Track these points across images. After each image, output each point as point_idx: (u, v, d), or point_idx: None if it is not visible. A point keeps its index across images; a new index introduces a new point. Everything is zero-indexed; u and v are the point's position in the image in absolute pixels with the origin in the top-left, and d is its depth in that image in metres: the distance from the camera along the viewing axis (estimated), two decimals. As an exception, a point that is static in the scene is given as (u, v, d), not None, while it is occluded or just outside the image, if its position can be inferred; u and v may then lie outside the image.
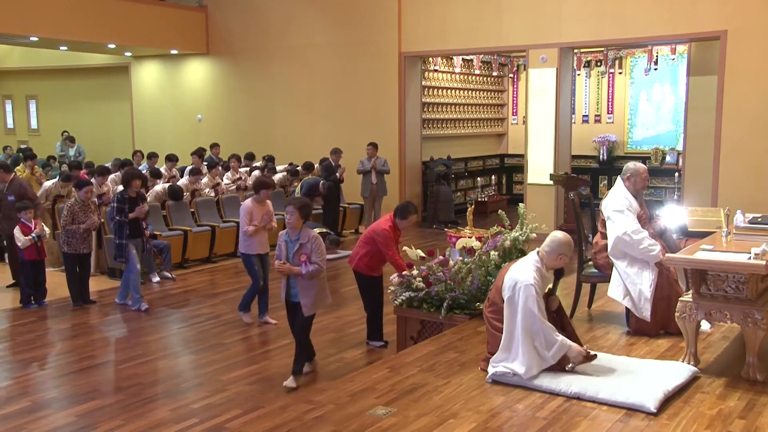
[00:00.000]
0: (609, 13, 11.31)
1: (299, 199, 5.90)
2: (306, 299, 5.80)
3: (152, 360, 6.62)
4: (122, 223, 8.01)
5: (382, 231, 6.60)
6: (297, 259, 5.72)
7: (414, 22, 13.10)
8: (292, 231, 5.79)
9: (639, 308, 5.62)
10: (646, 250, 5.56)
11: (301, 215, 5.73)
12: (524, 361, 4.60)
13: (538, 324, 4.58)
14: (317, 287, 5.84)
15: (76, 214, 8.22)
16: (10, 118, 20.65)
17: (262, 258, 7.56)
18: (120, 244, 8.07)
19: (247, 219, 7.41)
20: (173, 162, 12.28)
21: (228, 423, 5.00)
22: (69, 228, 8.19)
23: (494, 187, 17.05)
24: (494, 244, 6.15)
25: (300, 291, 5.81)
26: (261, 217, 7.45)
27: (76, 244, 8.25)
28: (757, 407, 4.35)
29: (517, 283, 4.62)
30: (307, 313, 5.84)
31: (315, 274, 5.73)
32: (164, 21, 14.86)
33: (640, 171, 5.89)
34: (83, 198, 8.32)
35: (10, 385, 5.99)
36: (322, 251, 5.78)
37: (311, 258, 5.71)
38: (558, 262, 4.76)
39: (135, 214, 8.05)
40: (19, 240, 8.19)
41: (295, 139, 14.49)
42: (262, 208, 7.52)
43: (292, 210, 5.73)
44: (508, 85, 17.37)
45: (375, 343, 6.83)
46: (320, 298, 5.92)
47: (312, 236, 5.78)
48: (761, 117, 10.25)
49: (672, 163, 14.74)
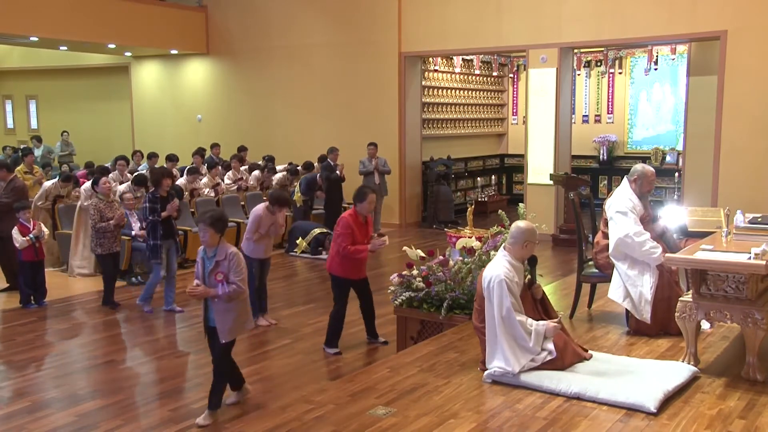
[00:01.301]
0: (609, 13, 11.31)
1: (210, 215, 5.07)
2: (222, 324, 5.12)
3: (152, 360, 6.62)
4: (155, 222, 7.82)
5: (341, 219, 6.45)
6: (213, 279, 5.02)
7: (414, 22, 13.10)
8: (208, 248, 5.09)
9: (639, 310, 5.62)
10: (648, 253, 5.55)
11: (216, 231, 5.01)
12: (505, 355, 4.64)
13: (513, 316, 4.63)
14: (236, 310, 5.14)
15: (102, 212, 8.13)
16: (10, 118, 20.66)
17: (262, 262, 7.48)
18: (154, 245, 7.87)
19: (254, 227, 7.24)
20: (173, 162, 12.28)
21: (228, 423, 5.00)
22: (99, 226, 8.06)
23: (494, 187, 17.06)
24: (494, 244, 6.15)
25: (216, 315, 5.11)
26: (268, 227, 7.28)
27: (108, 243, 8.14)
28: (757, 407, 4.35)
29: (489, 281, 4.70)
30: (224, 339, 5.15)
31: (233, 296, 5.04)
32: (164, 21, 14.86)
33: (647, 174, 5.84)
34: (103, 191, 8.23)
35: (10, 385, 5.99)
36: (241, 269, 5.06)
37: (229, 277, 5.01)
38: (525, 250, 4.80)
39: (167, 212, 7.88)
40: (17, 240, 8.17)
41: (295, 139, 14.49)
42: (272, 218, 7.32)
43: (204, 228, 5.00)
44: (508, 85, 17.37)
45: (329, 350, 6.66)
46: (239, 323, 5.23)
47: (230, 253, 5.05)
48: (761, 117, 10.25)
49: (672, 163, 14.74)
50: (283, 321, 7.66)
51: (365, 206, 6.45)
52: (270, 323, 7.54)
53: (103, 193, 8.28)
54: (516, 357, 4.65)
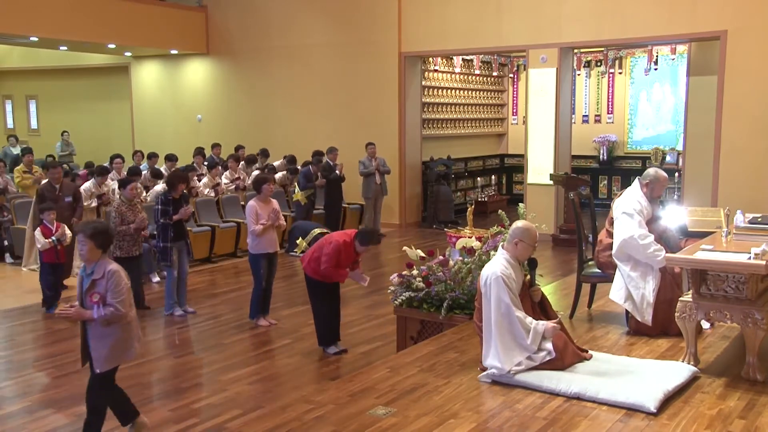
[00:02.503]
0: (609, 13, 11.31)
1: (93, 226, 4.54)
2: (98, 351, 4.48)
3: (152, 360, 6.62)
4: (166, 225, 7.70)
5: (336, 242, 6.37)
6: (88, 300, 4.43)
7: (414, 22, 13.10)
8: (87, 263, 4.53)
9: (641, 312, 5.61)
10: (653, 255, 5.54)
11: (96, 245, 4.44)
12: (499, 354, 4.65)
13: (512, 312, 4.63)
14: (115, 336, 4.50)
15: (124, 215, 7.94)
16: (10, 118, 20.65)
17: (270, 258, 7.47)
18: (165, 247, 7.74)
19: (253, 219, 7.32)
20: (173, 162, 12.28)
21: (228, 423, 5.01)
22: (120, 229, 7.87)
23: (494, 187, 17.06)
24: (494, 244, 6.15)
25: (92, 340, 4.50)
26: (267, 215, 7.34)
27: (128, 247, 7.94)
28: (757, 407, 4.35)
29: (486, 279, 4.72)
30: (99, 368, 4.51)
31: (111, 320, 4.43)
32: (164, 21, 14.86)
33: (660, 179, 5.81)
34: (129, 196, 8.08)
35: (10, 385, 6.00)
36: (120, 290, 4.44)
37: (106, 298, 4.41)
38: (518, 249, 4.78)
39: (179, 215, 7.75)
40: (39, 242, 8.11)
41: (295, 139, 14.48)
42: (267, 206, 7.43)
43: (83, 240, 4.44)
44: (508, 85, 17.37)
45: (329, 350, 6.66)
46: (118, 351, 4.55)
47: (109, 271, 4.45)
48: (761, 117, 10.25)
49: (672, 163, 14.73)
50: (283, 321, 7.66)
51: (361, 249, 6.46)
52: (270, 323, 7.54)
53: (127, 197, 8.08)
54: (509, 356, 4.64)
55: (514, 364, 4.64)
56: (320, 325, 6.69)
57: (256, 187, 7.57)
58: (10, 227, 10.77)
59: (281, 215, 7.59)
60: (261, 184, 7.49)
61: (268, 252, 7.43)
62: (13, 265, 10.63)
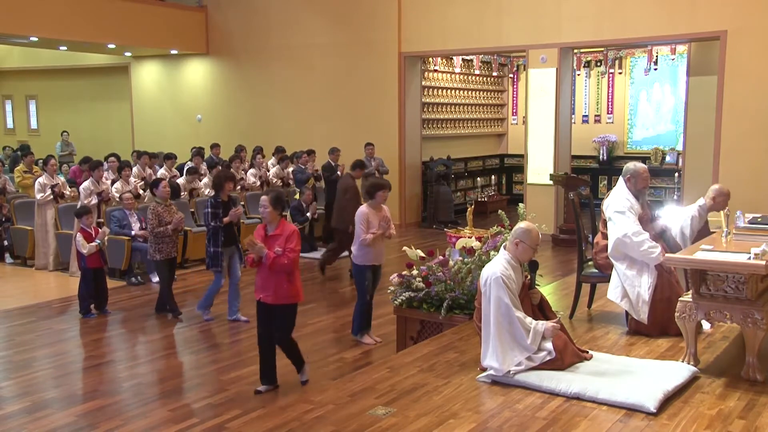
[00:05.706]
0: (609, 13, 11.31)
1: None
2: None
3: (152, 360, 6.62)
4: (217, 229, 7.43)
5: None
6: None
7: (414, 22, 13.10)
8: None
9: (637, 310, 5.62)
10: (647, 252, 5.55)
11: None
12: (497, 354, 4.65)
13: (512, 312, 4.63)
14: None
15: (161, 216, 7.73)
16: (10, 118, 20.66)
17: (375, 270, 6.94)
18: (215, 252, 7.47)
19: (363, 227, 6.69)
20: (173, 160, 12.28)
21: (228, 423, 5.01)
22: (157, 231, 7.70)
23: (494, 187, 17.06)
24: (494, 244, 6.15)
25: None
26: (378, 223, 6.74)
27: (167, 248, 7.78)
28: (757, 407, 4.35)
29: (486, 279, 4.72)
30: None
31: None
32: (164, 21, 14.87)
33: (640, 171, 5.86)
34: (162, 196, 7.89)
35: (10, 385, 6.00)
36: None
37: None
38: (519, 250, 4.78)
39: (229, 218, 7.48)
40: (84, 247, 7.86)
41: (295, 139, 14.47)
42: (378, 213, 6.78)
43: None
44: (508, 85, 17.37)
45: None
46: None
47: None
48: (761, 117, 10.26)
49: (672, 163, 14.75)
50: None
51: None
52: (376, 341, 6.97)
53: (161, 197, 7.88)
54: (509, 356, 4.64)
55: (513, 364, 4.64)
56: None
57: (369, 192, 6.82)
58: (10, 227, 10.77)
59: (392, 224, 6.94)
60: (376, 189, 6.77)
61: (373, 264, 6.90)
62: (13, 265, 10.62)
